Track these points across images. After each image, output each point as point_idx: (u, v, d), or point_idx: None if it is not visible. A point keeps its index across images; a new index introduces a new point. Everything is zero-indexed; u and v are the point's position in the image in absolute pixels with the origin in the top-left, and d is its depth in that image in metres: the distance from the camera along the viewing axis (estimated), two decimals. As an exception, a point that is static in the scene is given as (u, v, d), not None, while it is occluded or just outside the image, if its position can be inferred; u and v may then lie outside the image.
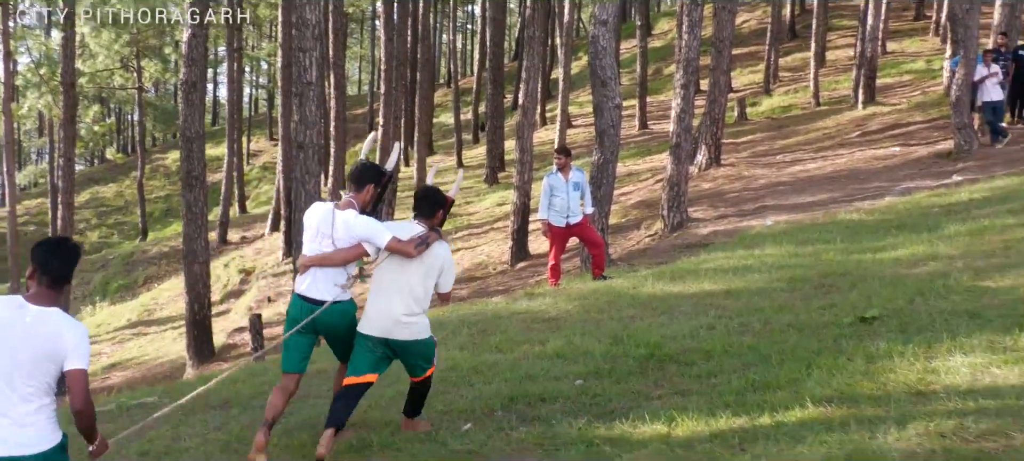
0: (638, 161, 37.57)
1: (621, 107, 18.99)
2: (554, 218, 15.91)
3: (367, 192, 7.90)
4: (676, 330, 10.31)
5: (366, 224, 7.64)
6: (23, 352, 5.38)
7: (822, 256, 13.73)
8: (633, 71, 55.45)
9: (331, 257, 7.65)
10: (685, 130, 22.33)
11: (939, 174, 21.68)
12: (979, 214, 14.84)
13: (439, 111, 70.53)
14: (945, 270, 11.25)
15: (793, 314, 10.31)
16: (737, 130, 37.62)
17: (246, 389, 10.24)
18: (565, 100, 39.70)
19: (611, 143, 18.58)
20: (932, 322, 8.99)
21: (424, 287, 7.69)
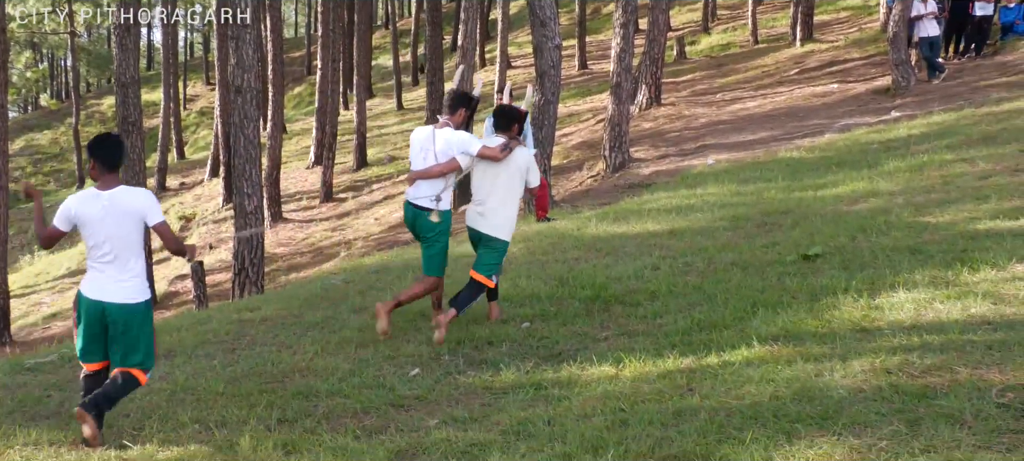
0: (579, 102, 37.54)
1: (561, 47, 18.89)
2: (497, 160, 15.88)
3: (459, 115, 9.22)
4: (621, 271, 10.31)
5: (460, 137, 8.96)
6: (110, 226, 6.91)
7: (764, 194, 13.79)
8: (572, 11, 55.31)
9: (431, 170, 8.94)
10: (625, 70, 22.28)
11: (878, 111, 21.84)
12: (918, 150, 14.96)
13: (378, 54, 69.91)
14: (886, 207, 11.33)
15: (737, 253, 10.35)
16: (677, 69, 37.66)
17: (190, 337, 10.11)
18: (504, 41, 39.52)
19: (552, 84, 18.50)
20: (874, 259, 9.06)
21: (512, 189, 9.01)
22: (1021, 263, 8.15)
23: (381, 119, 49.47)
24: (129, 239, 6.98)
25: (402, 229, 25.56)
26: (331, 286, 12.01)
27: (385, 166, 37.45)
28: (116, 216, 6.92)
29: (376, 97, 56.78)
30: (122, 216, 6.93)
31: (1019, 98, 18.48)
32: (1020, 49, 24.75)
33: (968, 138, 15.27)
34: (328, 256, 25.81)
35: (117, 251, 6.96)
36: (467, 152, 8.92)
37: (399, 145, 40.78)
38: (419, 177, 9.02)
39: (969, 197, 11.15)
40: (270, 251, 27.30)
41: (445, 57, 52.73)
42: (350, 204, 32.85)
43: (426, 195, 9.02)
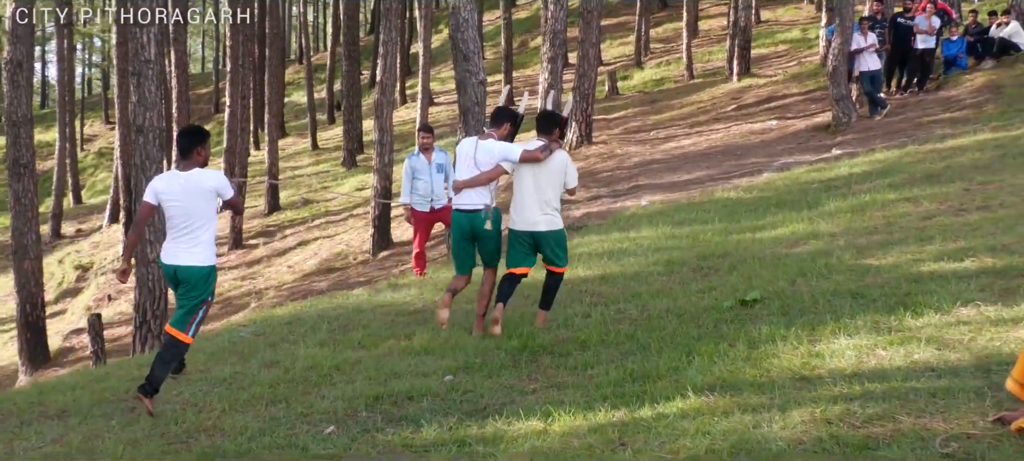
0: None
1: (485, 83, 18.97)
2: (417, 203, 15.90)
3: (504, 129, 10.60)
4: (550, 318, 10.36)
5: (502, 145, 10.33)
6: (187, 200, 8.83)
7: (700, 237, 13.93)
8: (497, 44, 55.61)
9: (477, 178, 10.31)
10: (554, 105, 22.42)
11: (818, 148, 22.18)
12: (860, 189, 15.22)
13: (291, 90, 69.74)
14: (827, 249, 11.51)
15: (671, 299, 10.44)
16: (608, 105, 37.99)
17: (86, 396, 9.96)
18: (426, 76, 39.58)
19: (476, 121, 18.56)
20: (815, 304, 9.18)
21: (554, 188, 10.21)
22: (966, 306, 8.31)
23: (294, 160, 49.27)
24: (201, 212, 8.89)
25: (317, 277, 25.46)
26: (240, 339, 11.91)
27: (299, 210, 37.27)
28: (190, 193, 8.82)
29: (289, 136, 56.57)
30: (195, 193, 8.83)
31: (963, 135, 18.87)
32: (963, 84, 25.23)
33: (911, 176, 15.56)
34: (237, 307, 25.58)
35: (190, 222, 8.88)
36: (509, 158, 10.27)
37: (314, 187, 40.62)
38: (466, 186, 10.39)
39: (912, 238, 11.36)
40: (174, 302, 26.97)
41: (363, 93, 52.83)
42: (261, 251, 32.62)
43: (473, 201, 10.45)
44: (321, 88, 62.80)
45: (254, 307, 24.31)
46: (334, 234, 30.66)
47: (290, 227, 35.07)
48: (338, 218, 33.21)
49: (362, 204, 33.27)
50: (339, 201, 36.39)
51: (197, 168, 8.92)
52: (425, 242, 16.28)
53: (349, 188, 37.95)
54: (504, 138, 10.56)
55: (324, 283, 23.95)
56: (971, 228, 11.48)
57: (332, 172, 42.52)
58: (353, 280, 22.99)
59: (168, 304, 18.76)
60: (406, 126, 46.07)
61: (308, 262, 28.28)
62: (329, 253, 27.99)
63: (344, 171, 41.77)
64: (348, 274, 24.57)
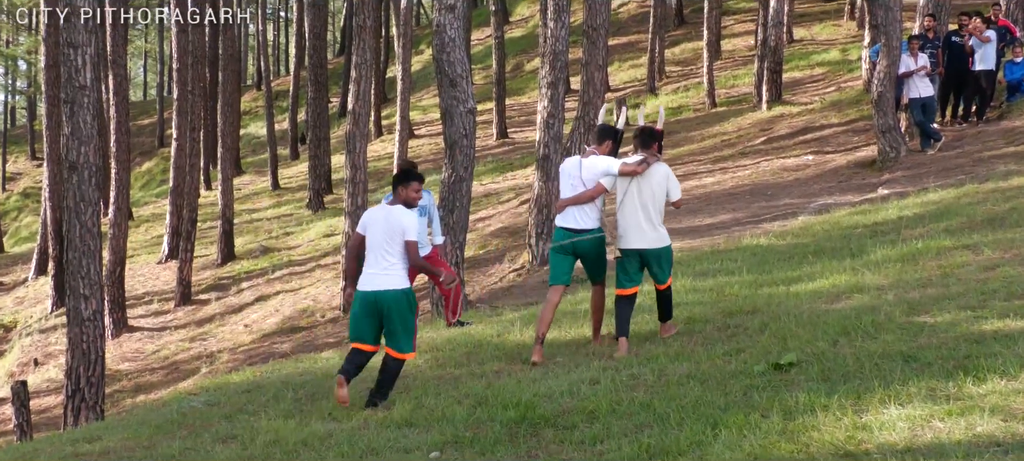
0: (498, 178, 37.74)
1: (475, 112, 19.03)
2: (397, 251, 15.91)
3: (606, 146, 12.32)
4: (552, 386, 10.34)
5: (604, 160, 11.87)
6: (384, 230, 10.78)
7: (725, 291, 13.93)
8: (489, 67, 55.71)
9: (580, 197, 11.86)
10: (554, 139, 22.48)
11: (862, 187, 22.21)
12: (911, 235, 15.22)
13: (248, 120, 69.92)
14: (873, 304, 11.50)
15: (693, 363, 10.43)
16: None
17: (9, 478, 9.94)
18: (405, 104, 39.73)
19: (464, 156, 18.61)
20: (860, 368, 9.16)
21: (656, 202, 11.71)
22: (1035, 370, 8.29)
23: (252, 201, 49.30)
24: (393, 245, 10.76)
25: (279, 338, 25.43)
26: (190, 409, 11.88)
27: (257, 259, 37.25)
28: (388, 226, 10.78)
29: (246, 174, 56.63)
30: (392, 227, 10.76)
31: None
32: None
33: (970, 220, 15.58)
34: (186, 372, 25.53)
35: (388, 252, 10.78)
36: (609, 173, 11.79)
37: (275, 233, 40.64)
38: (569, 204, 11.93)
39: (973, 292, 11.36)
40: (113, 367, 26.95)
41: (332, 124, 52.92)
42: (213, 307, 32.58)
43: (577, 219, 11.92)
44: (283, 118, 62.96)
45: (206, 373, 24.27)
46: (298, 287, 30.64)
47: (247, 279, 35.05)
48: (303, 269, 33.18)
49: (331, 253, 33.29)
50: (304, 249, 36.40)
51: (399, 207, 10.96)
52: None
53: (316, 234, 37.96)
54: (607, 155, 12.19)
55: (287, 344, 23.92)
56: (1040, 279, 11.50)
57: (296, 215, 42.54)
58: (321, 341, 22.96)
59: (104, 368, 18.71)
60: (382, 162, 46.13)
61: (268, 320, 28.25)
62: (293, 310, 27.97)
63: (310, 214, 41.80)
64: (315, 334, 24.54)
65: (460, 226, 18.72)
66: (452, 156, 18.61)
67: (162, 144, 68.72)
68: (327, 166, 44.17)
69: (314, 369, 13.31)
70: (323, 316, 26.38)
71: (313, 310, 27.31)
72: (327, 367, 13.27)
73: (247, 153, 62.07)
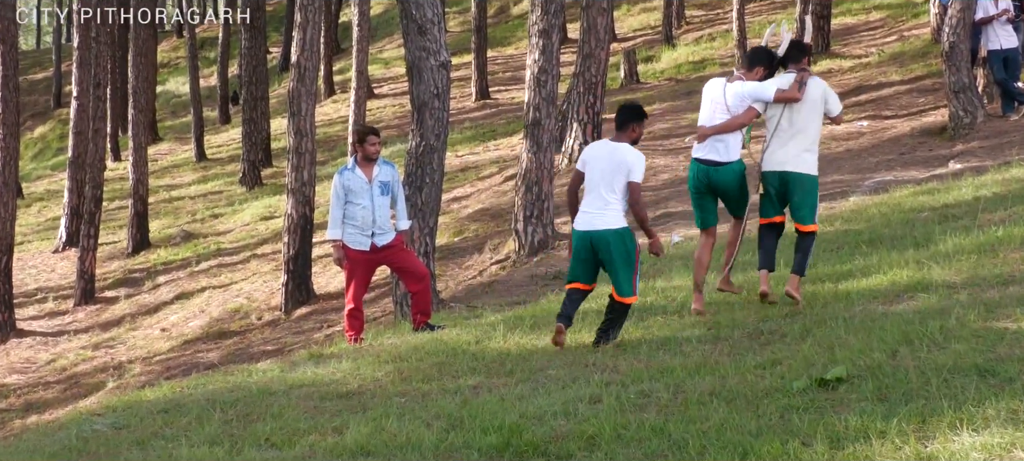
0: (477, 149, 37.73)
1: (449, 66, 19.00)
2: (352, 238, 15.78)
3: (757, 73, 13.14)
4: (542, 405, 10.32)
5: (753, 86, 12.92)
6: (606, 167, 12.32)
7: (758, 289, 13.95)
8: (466, 12, 55.71)
9: (726, 124, 12.92)
10: (547, 100, 22.45)
11: (928, 161, 22.24)
12: (989, 220, 15.24)
13: (167, 74, 69.85)
14: (942, 306, 11.51)
15: (718, 377, 10.43)
16: (625, 98, 38.02)
17: None
18: (363, 56, 39.60)
19: (436, 121, 18.59)
20: (925, 384, 9.16)
21: (814, 122, 12.86)
22: None
23: (172, 175, 49.22)
24: (614, 183, 12.25)
25: (204, 345, 25.41)
26: (93, 434, 11.85)
27: (178, 248, 37.19)
28: (611, 163, 12.32)
29: (164, 141, 56.59)
30: (615, 164, 12.29)
31: None
32: None
33: (1063, 201, 15.63)
34: (88, 388, 25.50)
35: (602, 190, 12.30)
36: (762, 98, 12.84)
37: (199, 215, 40.57)
38: (713, 133, 13.01)
39: (1066, 290, 11.39)
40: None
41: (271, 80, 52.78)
42: (123, 307, 32.54)
43: (717, 149, 13.03)
44: (210, 72, 62.82)
45: (113, 388, 24.25)
46: (229, 282, 30.63)
47: (165, 273, 34.99)
48: (235, 260, 33.16)
49: (270, 239, 33.25)
50: (236, 235, 36.38)
51: (624, 144, 12.47)
52: (363, 294, 16.21)
53: (251, 216, 37.94)
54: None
55: (215, 353, 23.92)
56: None
57: (226, 193, 42.50)
58: (257, 349, 22.97)
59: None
60: (334, 127, 46.14)
61: (191, 323, 28.24)
62: (222, 310, 27.96)
63: (243, 192, 41.75)
64: (250, 340, 24.55)
65: (430, 207, 18.70)
66: (421, 121, 18.58)
67: (59, 104, 68.58)
68: (265, 132, 44.09)
69: (248, 384, 13.25)
70: (260, 318, 26.37)
71: (247, 310, 27.30)
72: (264, 381, 13.19)
73: (165, 116, 62.06)
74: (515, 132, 35.36)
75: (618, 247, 12.24)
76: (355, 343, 15.46)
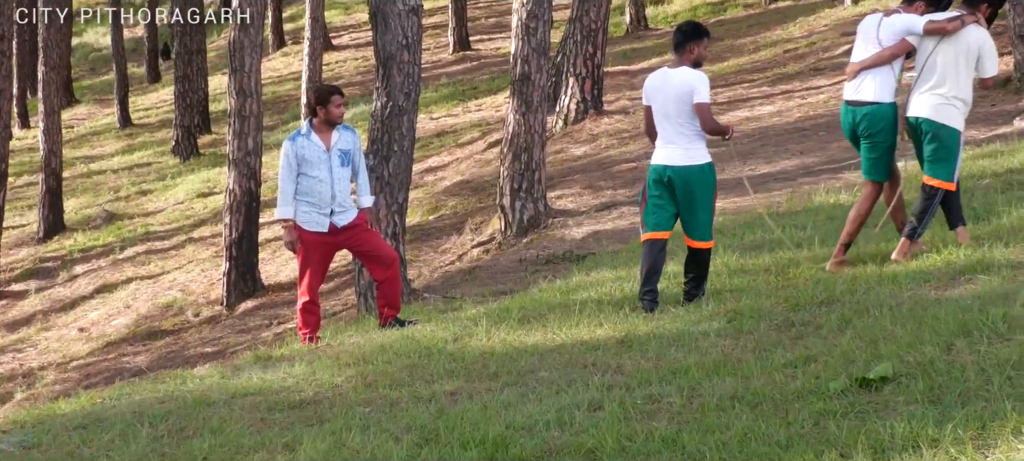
0: (456, 110, 37.76)
1: (420, 11, 19.03)
2: (307, 218, 15.75)
3: (917, 7, 13.68)
4: (533, 414, 10.37)
5: (907, 17, 13.59)
6: (670, 96, 13.30)
7: (788, 272, 14.02)
8: (441, -53, 55.72)
9: (879, 56, 13.62)
10: (537, 51, 22.46)
11: (989, 118, 22.32)
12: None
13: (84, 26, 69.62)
14: (1006, 291, 11.56)
15: (741, 377, 10.49)
16: (631, 48, 38.14)
17: None
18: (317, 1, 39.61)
19: (405, 78, 18.61)
20: (986, 384, 9.19)
21: (962, 72, 13.40)
22: None
23: (91, 145, 49.13)
24: (681, 112, 13.22)
25: (131, 347, 25.42)
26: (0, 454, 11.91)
27: (99, 231, 37.16)
28: (674, 92, 13.26)
29: (81, 105, 56.49)
30: (677, 92, 13.22)
31: None
32: None
33: None
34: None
35: (673, 121, 13.31)
36: (913, 31, 13.49)
37: (124, 192, 40.51)
38: (862, 68, 13.73)
39: None
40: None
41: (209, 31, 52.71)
42: (33, 303, 32.54)
43: (871, 89, 13.65)
44: (136, 21, 62.66)
45: (22, 400, 24.30)
46: (160, 272, 30.66)
47: (83, 262, 34.97)
48: (167, 245, 33.19)
49: (209, 220, 33.28)
50: (169, 215, 36.40)
51: (685, 67, 13.34)
52: (320, 283, 16.21)
53: (186, 193, 37.95)
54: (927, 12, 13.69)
55: (143, 357, 23.97)
56: None
57: (157, 166, 42.48)
58: (194, 351, 23.01)
59: None
60: (285, 86, 46.18)
61: (115, 322, 28.26)
62: (151, 306, 28.00)
63: (177, 164, 41.73)
64: (185, 341, 24.59)
65: (399, 180, 18.72)
66: (388, 77, 18.59)
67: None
68: (203, 93, 44.07)
69: (182, 392, 13.27)
70: (197, 314, 26.39)
71: (181, 305, 27.32)
72: (202, 389, 13.20)
73: (83, 73, 61.99)
74: (500, 89, 35.43)
75: (700, 185, 13.34)
76: (310, 343, 15.47)
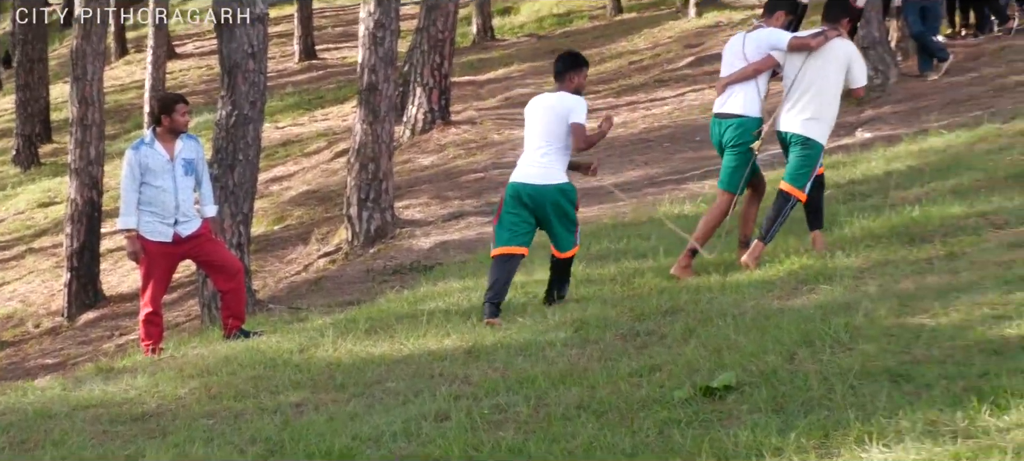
0: (302, 119, 37.67)
1: (266, 20, 18.95)
2: (151, 227, 15.59)
3: (777, 18, 14.27)
4: (379, 425, 10.33)
5: (771, 32, 14.02)
6: (546, 117, 13.52)
7: (634, 281, 14.08)
8: (286, -46, 55.57)
9: (744, 71, 13.98)
10: (384, 61, 22.44)
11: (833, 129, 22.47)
12: (903, 198, 15.47)
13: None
14: (848, 300, 11.67)
15: (587, 386, 10.49)
16: (478, 58, 38.17)
17: None
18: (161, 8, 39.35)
19: (251, 87, 18.52)
20: (829, 392, 9.26)
21: (829, 86, 13.88)
22: (1081, 395, 8.42)
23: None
24: (554, 132, 13.45)
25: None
26: None
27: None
28: (551, 113, 13.53)
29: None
30: (555, 113, 13.48)
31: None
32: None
33: (989, 177, 15.88)
34: None
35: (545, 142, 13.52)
36: (778, 46, 13.87)
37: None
38: (730, 83, 14.11)
39: (991, 281, 11.56)
40: None
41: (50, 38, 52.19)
42: None
43: (731, 101, 14.09)
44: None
45: None
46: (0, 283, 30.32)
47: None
48: (7, 256, 32.83)
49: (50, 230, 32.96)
50: (9, 226, 36.03)
51: (563, 92, 13.62)
52: (163, 294, 16.08)
53: (27, 203, 37.56)
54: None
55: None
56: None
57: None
58: (34, 362, 22.78)
59: None
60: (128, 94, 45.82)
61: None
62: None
63: (17, 173, 41.28)
64: (25, 352, 24.34)
65: (244, 190, 18.64)
66: (233, 86, 18.51)
67: None
68: (44, 101, 43.55)
69: (22, 405, 13.08)
70: (37, 325, 26.12)
71: (21, 316, 27.03)
72: (44, 400, 13.05)
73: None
74: (347, 99, 35.36)
75: (554, 203, 13.40)
76: (153, 354, 15.34)
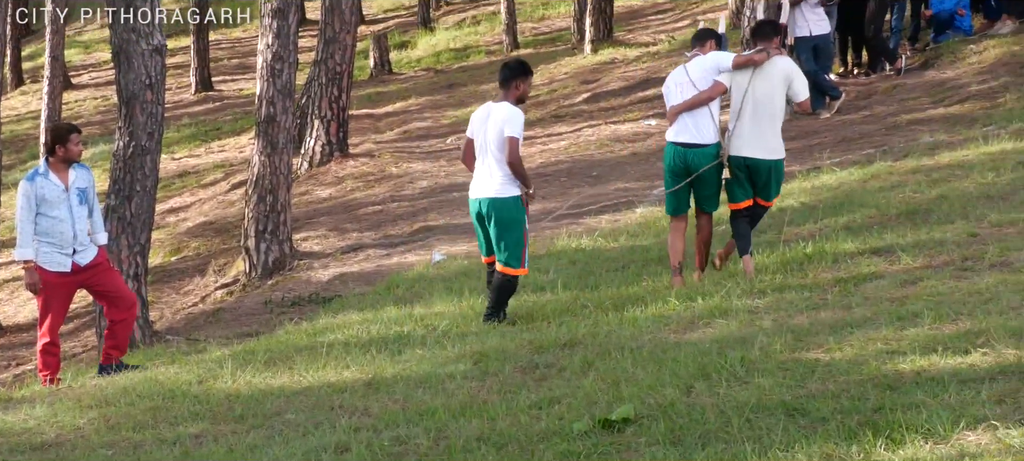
0: (199, 150, 37.47)
1: (165, 51, 18.86)
2: (49, 258, 15.44)
3: (708, 46, 15.00)
4: (279, 456, 10.31)
5: (714, 55, 14.75)
6: (489, 128, 13.92)
7: (532, 315, 14.07)
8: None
9: (696, 98, 14.40)
10: (282, 93, 22.38)
11: (726, 166, 22.59)
12: (796, 235, 15.56)
13: None
14: (743, 334, 11.71)
15: (487, 419, 10.50)
16: (376, 91, 38.12)
17: None
18: (58, 39, 39.09)
19: (148, 118, 18.43)
20: (725, 425, 9.31)
21: (777, 102, 14.50)
22: (974, 429, 8.47)
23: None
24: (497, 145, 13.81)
25: None
26: None
27: None
28: (492, 124, 13.92)
29: None
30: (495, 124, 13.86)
31: (967, 144, 19.31)
32: (966, 58, 25.82)
33: (882, 214, 15.99)
34: None
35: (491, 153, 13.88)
36: (723, 67, 14.47)
37: None
38: (683, 110, 14.51)
39: (885, 316, 11.64)
40: None
41: (-55, 68, 51.77)
42: None
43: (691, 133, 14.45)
44: None
45: None
46: None
47: None
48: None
49: (-56, 260, 32.67)
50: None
51: (505, 104, 13.94)
52: (61, 324, 15.94)
53: (-80, 233, 37.22)
54: None
55: None
56: (981, 299, 11.82)
57: None
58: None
59: None
60: (23, 124, 45.44)
61: None
62: None
63: (-88, 203, 40.95)
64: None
65: (141, 220, 18.52)
66: (130, 116, 18.41)
67: None
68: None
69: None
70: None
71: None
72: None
73: None
74: (245, 130, 35.21)
75: (503, 217, 13.82)
76: (51, 384, 15.22)
